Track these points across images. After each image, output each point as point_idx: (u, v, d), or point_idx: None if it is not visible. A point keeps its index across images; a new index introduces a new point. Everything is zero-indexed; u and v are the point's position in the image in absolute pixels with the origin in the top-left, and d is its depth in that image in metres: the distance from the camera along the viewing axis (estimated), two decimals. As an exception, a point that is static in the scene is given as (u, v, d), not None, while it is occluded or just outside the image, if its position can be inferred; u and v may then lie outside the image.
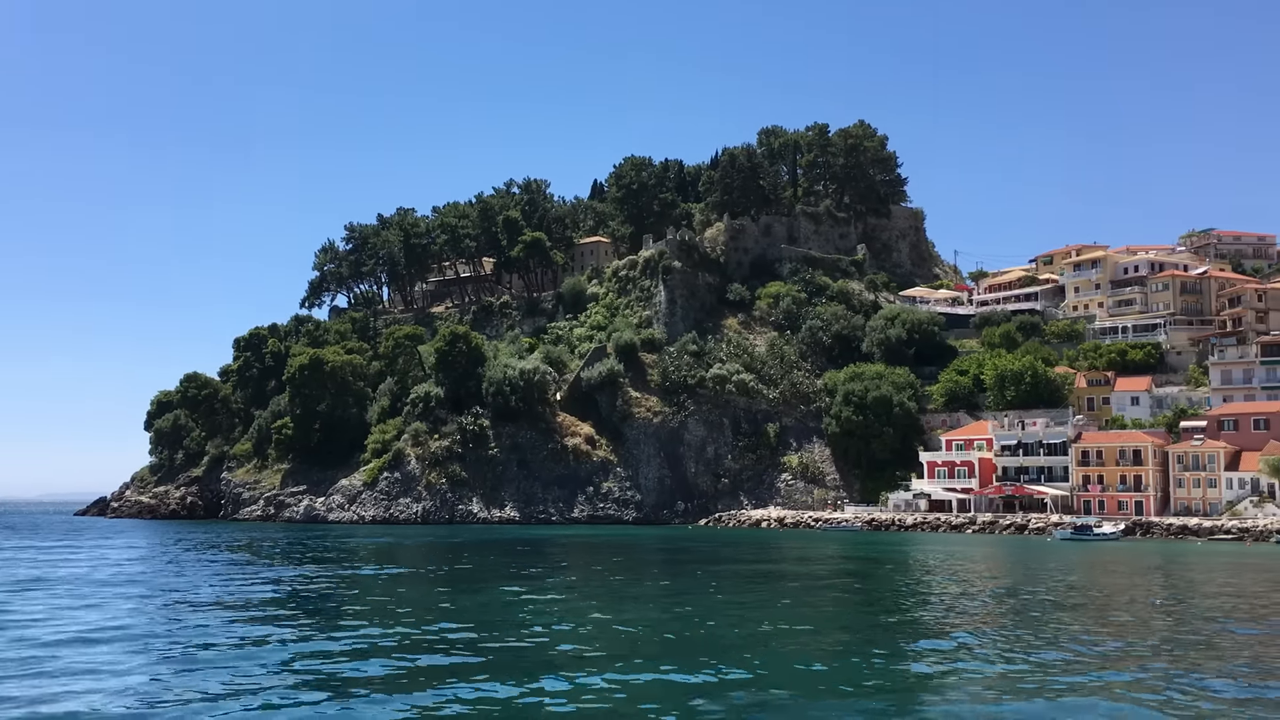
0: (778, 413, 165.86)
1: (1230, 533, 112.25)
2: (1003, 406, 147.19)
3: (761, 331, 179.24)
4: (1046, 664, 35.33)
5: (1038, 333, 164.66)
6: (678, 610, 51.03)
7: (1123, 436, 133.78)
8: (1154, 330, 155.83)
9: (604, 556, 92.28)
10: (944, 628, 45.16)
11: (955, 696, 30.30)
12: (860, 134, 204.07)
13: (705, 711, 27.99)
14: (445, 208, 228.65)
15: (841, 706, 28.77)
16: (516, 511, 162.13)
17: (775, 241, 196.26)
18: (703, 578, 69.21)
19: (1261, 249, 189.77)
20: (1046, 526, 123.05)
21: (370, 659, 35.66)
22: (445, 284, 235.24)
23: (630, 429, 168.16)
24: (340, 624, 44.32)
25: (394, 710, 28.29)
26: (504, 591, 58.86)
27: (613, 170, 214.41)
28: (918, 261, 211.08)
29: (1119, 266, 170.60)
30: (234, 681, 31.72)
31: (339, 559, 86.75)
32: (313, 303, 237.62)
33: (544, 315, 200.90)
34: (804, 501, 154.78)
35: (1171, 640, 41.10)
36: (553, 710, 28.40)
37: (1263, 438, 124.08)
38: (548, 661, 35.78)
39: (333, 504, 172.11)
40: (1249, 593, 59.91)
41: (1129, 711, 28.20)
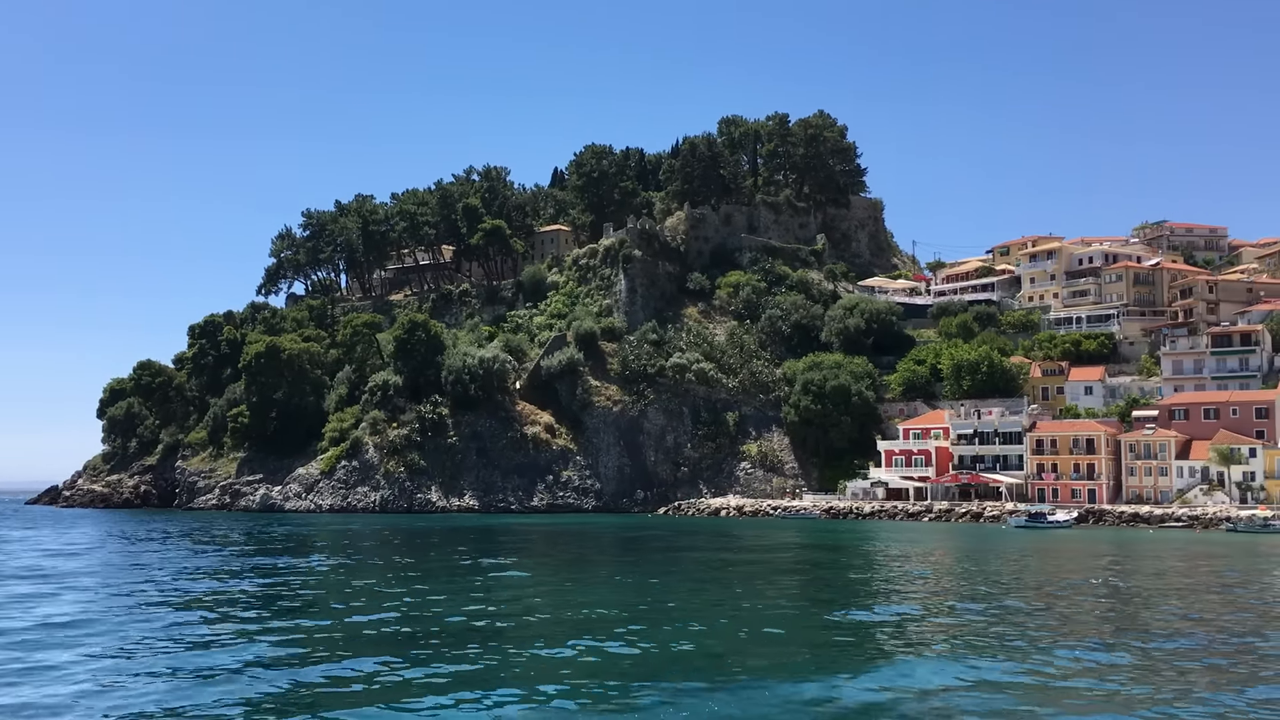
0: (737, 401, 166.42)
1: (1180, 520, 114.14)
2: (959, 396, 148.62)
3: (721, 321, 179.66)
4: (991, 643, 35.75)
5: (994, 323, 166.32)
6: (638, 598, 51.10)
7: (1076, 426, 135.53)
8: (1108, 321, 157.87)
9: (564, 545, 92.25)
10: (896, 613, 45.59)
11: (903, 678, 30.58)
12: (820, 124, 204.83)
13: (669, 699, 28.06)
14: (404, 195, 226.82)
15: (796, 686, 28.94)
16: (476, 500, 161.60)
17: (735, 231, 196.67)
18: (663, 565, 69.38)
19: (1213, 241, 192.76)
20: (1001, 514, 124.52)
21: (323, 649, 35.34)
22: (404, 272, 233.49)
23: (590, 418, 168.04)
24: (292, 615, 43.92)
25: (352, 702, 28.10)
26: (463, 581, 58.64)
27: (573, 158, 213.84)
28: (876, 252, 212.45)
29: (1074, 258, 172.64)
30: (182, 678, 31.33)
31: (296, 548, 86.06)
32: (269, 290, 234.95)
33: (504, 303, 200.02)
34: (763, 490, 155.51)
35: (1099, 618, 41.77)
36: (510, 696, 28.34)
37: (1212, 427, 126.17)
38: (506, 649, 35.72)
39: (290, 493, 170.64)
40: (1181, 576, 60.97)
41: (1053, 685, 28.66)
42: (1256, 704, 27.53)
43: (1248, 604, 49.41)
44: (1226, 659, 34.30)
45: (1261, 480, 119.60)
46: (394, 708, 26.70)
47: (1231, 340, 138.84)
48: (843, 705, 27.30)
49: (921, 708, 27.07)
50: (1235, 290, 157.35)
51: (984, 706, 27.09)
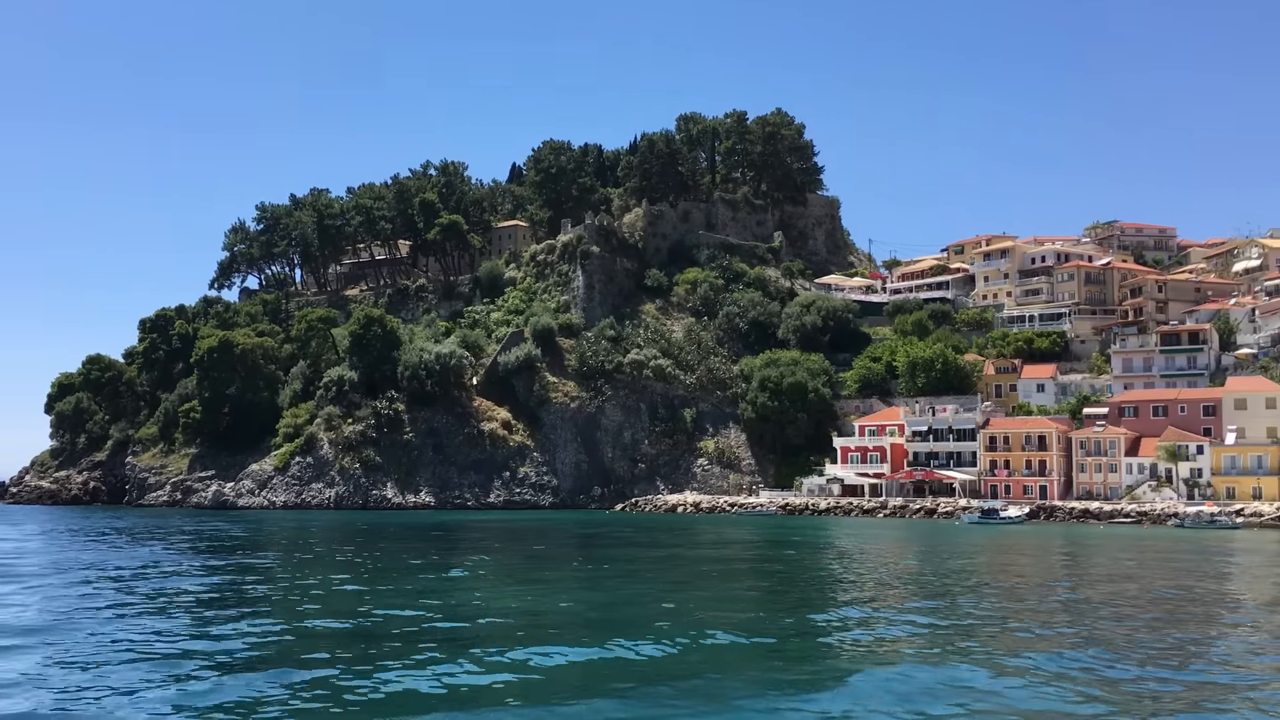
0: (694, 398, 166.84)
1: (1129, 516, 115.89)
2: (914, 393, 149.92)
3: (679, 317, 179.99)
4: (941, 635, 36.09)
5: (949, 321, 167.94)
6: (596, 594, 51.05)
7: (1028, 423, 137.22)
8: (1060, 319, 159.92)
9: (520, 542, 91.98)
10: (849, 605, 45.90)
11: (856, 666, 30.78)
12: (778, 122, 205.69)
13: (626, 692, 28.03)
14: (360, 189, 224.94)
15: (751, 681, 29.02)
16: (432, 497, 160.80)
17: (693, 228, 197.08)
18: (620, 562, 69.36)
19: (1162, 241, 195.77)
20: (955, 510, 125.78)
21: (276, 649, 34.91)
22: (360, 266, 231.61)
23: (547, 414, 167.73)
24: (237, 617, 43.33)
25: (304, 699, 27.79)
26: (419, 579, 58.28)
27: (532, 154, 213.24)
28: (833, 249, 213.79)
29: (1027, 257, 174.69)
30: (133, 678, 30.83)
31: (246, 546, 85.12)
32: (222, 284, 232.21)
33: (461, 299, 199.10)
34: (720, 486, 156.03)
35: (1051, 614, 42.38)
36: (467, 691, 28.19)
37: (1161, 424, 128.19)
38: (466, 643, 35.52)
39: (242, 489, 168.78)
40: (1121, 571, 61.91)
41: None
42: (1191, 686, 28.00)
43: (1198, 600, 50.25)
44: (1167, 652, 34.86)
45: (1208, 477, 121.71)
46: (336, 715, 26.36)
47: (1180, 339, 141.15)
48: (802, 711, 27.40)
49: (876, 708, 27.26)
50: (1183, 290, 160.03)
51: (940, 705, 27.32)
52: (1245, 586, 56.30)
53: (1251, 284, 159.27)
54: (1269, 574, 63.48)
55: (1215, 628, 40.72)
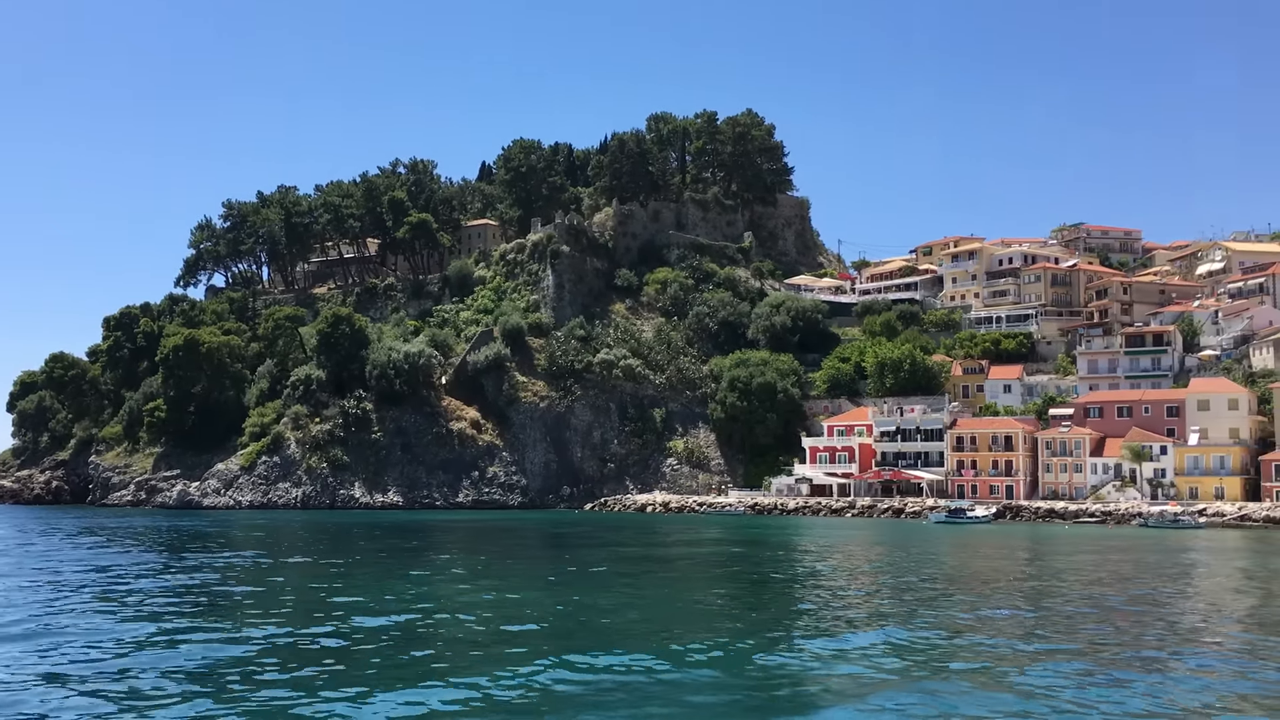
0: (664, 398, 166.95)
1: (1094, 516, 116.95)
2: (883, 393, 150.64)
3: (649, 317, 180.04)
4: (909, 642, 36.23)
5: (917, 322, 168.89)
6: (565, 595, 50.89)
7: (995, 423, 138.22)
8: (1026, 320, 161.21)
9: (488, 542, 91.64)
10: (817, 605, 46.01)
11: (824, 665, 30.84)
12: (748, 123, 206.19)
13: (597, 693, 27.92)
14: (329, 186, 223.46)
15: (721, 679, 28.99)
16: (400, 496, 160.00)
17: (663, 227, 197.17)
18: (589, 562, 69.21)
19: (1128, 243, 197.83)
20: (922, 510, 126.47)
21: (241, 654, 34.49)
22: (328, 265, 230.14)
23: (517, 413, 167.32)
24: (207, 619, 42.87)
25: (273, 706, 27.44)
26: (383, 582, 57.87)
27: (502, 152, 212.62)
28: (803, 250, 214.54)
29: (994, 258, 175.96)
30: (94, 681, 30.38)
31: (214, 546, 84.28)
32: (188, 282, 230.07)
33: (430, 298, 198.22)
34: (689, 486, 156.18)
35: (1016, 610, 42.65)
36: (439, 703, 27.98)
37: (1126, 425, 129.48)
38: (413, 666, 35.27)
39: (208, 489, 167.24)
40: (1082, 570, 62.47)
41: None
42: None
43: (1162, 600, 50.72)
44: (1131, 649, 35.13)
45: (1172, 477, 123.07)
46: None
47: (1144, 340, 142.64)
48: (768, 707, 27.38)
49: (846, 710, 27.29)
50: (1148, 291, 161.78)
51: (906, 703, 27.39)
52: (1204, 586, 56.87)
53: (1215, 286, 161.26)
54: (1228, 574, 64.18)
55: (1173, 631, 41.07)
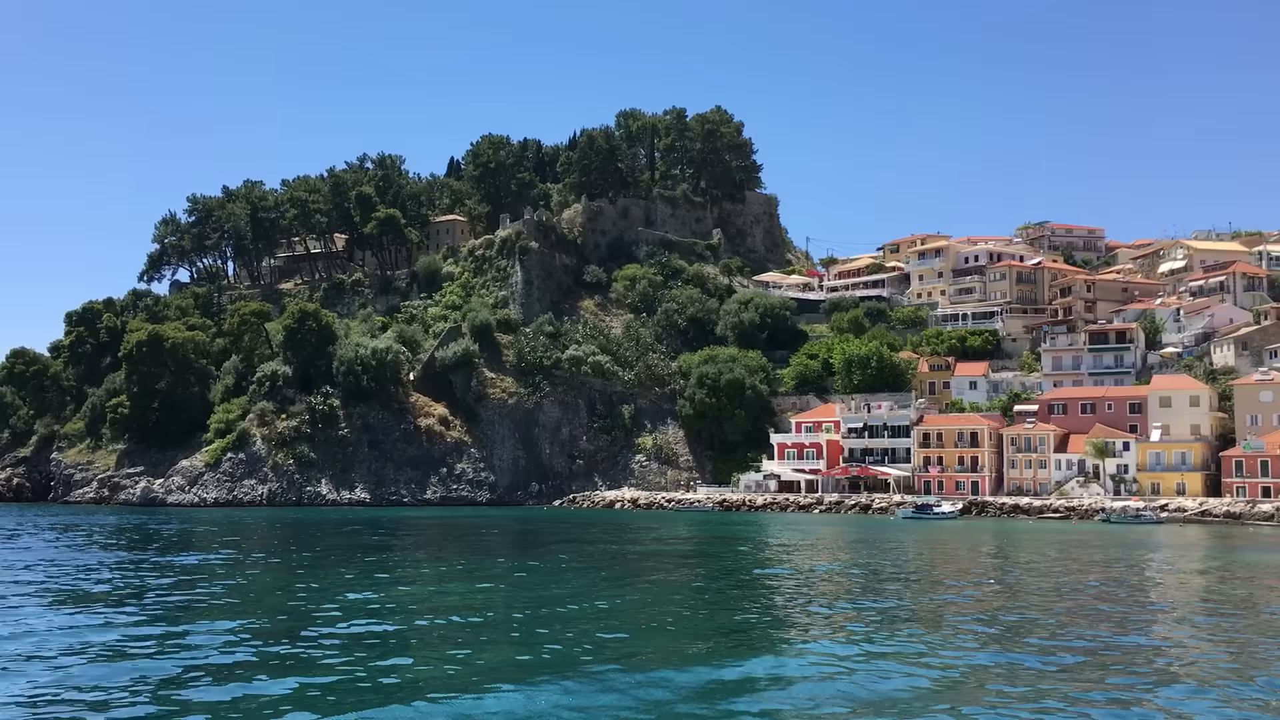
0: (633, 394, 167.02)
1: (1058, 511, 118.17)
2: (850, 390, 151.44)
3: (618, 314, 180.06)
4: (875, 632, 36.55)
5: (884, 319, 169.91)
6: (534, 592, 50.88)
7: (961, 419, 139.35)
8: (992, 318, 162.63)
9: (455, 539, 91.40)
10: (784, 601, 46.29)
11: (793, 660, 31.04)
12: (717, 119, 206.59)
13: (565, 691, 27.96)
14: (295, 181, 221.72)
15: (690, 675, 29.11)
16: (367, 493, 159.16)
17: (632, 224, 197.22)
18: (557, 559, 69.20)
19: (1091, 242, 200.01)
20: (889, 506, 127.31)
21: (201, 657, 34.19)
22: (295, 260, 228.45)
23: (485, 410, 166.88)
24: (166, 619, 42.46)
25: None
26: (352, 580, 57.60)
27: (470, 148, 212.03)
28: (771, 247, 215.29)
29: (960, 256, 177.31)
30: (52, 684, 30.07)
31: (177, 544, 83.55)
32: (152, 277, 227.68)
33: (398, 294, 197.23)
34: (657, 482, 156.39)
35: (981, 607, 43.17)
36: (401, 690, 27.93)
37: (1089, 421, 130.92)
38: (397, 648, 35.19)
39: (172, 485, 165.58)
40: (1044, 565, 63.21)
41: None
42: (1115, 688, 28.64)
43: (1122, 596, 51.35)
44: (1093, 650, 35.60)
45: (1134, 473, 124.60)
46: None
47: (1107, 338, 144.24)
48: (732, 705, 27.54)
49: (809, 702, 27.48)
50: (1111, 290, 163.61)
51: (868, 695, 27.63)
52: (1161, 580, 57.67)
53: (1176, 285, 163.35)
54: (1187, 568, 65.09)
55: (1128, 622, 41.63)
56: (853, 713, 25.63)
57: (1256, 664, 32.08)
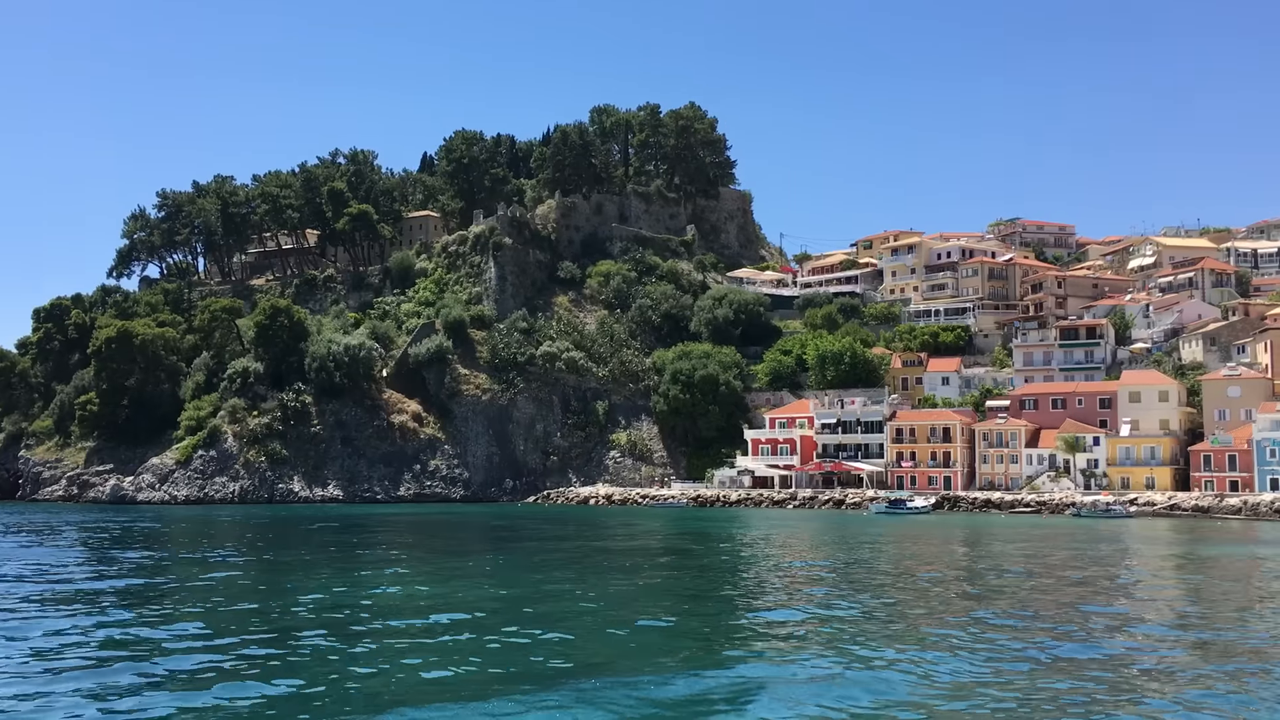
0: (607, 391, 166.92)
1: (1029, 506, 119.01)
2: (824, 386, 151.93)
3: (592, 310, 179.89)
4: (852, 627, 36.68)
5: (857, 315, 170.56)
6: (506, 591, 50.77)
7: (933, 415, 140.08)
8: (964, 314, 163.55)
9: (428, 536, 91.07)
10: (757, 596, 46.39)
11: (764, 653, 31.12)
12: (691, 116, 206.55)
13: (543, 688, 27.89)
14: (266, 176, 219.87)
15: (662, 673, 29.10)
16: (340, 490, 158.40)
17: (606, 220, 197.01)
18: (530, 558, 69.08)
19: (1062, 238, 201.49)
20: (863, 501, 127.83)
21: (162, 663, 33.78)
22: (266, 256, 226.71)
23: (459, 406, 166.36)
24: (131, 618, 42.04)
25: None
26: (323, 581, 57.29)
27: (443, 144, 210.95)
28: (745, 243, 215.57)
29: (933, 252, 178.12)
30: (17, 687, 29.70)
31: (147, 542, 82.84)
32: (121, 272, 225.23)
33: (371, 290, 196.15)
34: (632, 479, 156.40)
35: (953, 602, 43.45)
36: (368, 682, 27.77)
37: (1060, 416, 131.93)
38: (353, 655, 35.00)
39: (142, 483, 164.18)
40: (1015, 559, 63.70)
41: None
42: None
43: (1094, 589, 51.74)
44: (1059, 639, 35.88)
45: (1104, 467, 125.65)
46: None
47: (1078, 333, 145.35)
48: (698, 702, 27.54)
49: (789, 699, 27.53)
50: (1082, 286, 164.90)
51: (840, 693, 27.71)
52: (1130, 573, 58.19)
53: (1146, 281, 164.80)
54: (1154, 562, 65.70)
55: (1096, 618, 41.97)
56: (826, 714, 25.69)
57: (1225, 660, 32.40)
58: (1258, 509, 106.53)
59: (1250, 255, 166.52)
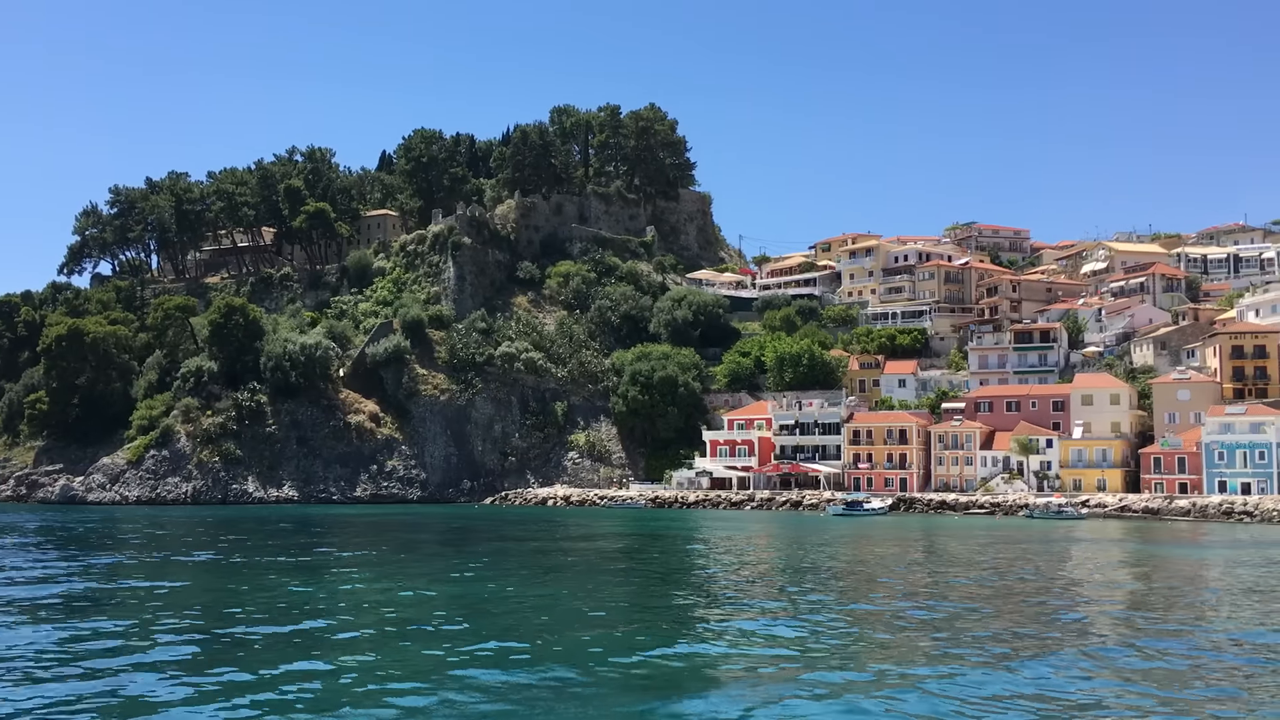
0: (566, 391, 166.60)
1: (984, 507, 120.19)
2: (782, 387, 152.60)
3: (551, 310, 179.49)
4: (809, 631, 36.85)
5: (816, 317, 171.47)
6: (461, 590, 50.49)
7: (890, 417, 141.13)
8: (920, 316, 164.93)
9: (382, 537, 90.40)
10: (713, 601, 46.50)
11: (717, 652, 31.20)
12: (651, 117, 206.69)
13: (492, 694, 27.76)
14: (222, 173, 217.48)
15: (618, 675, 29.08)
16: (295, 491, 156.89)
17: (566, 220, 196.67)
18: (486, 558, 68.78)
19: (1017, 242, 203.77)
20: (820, 503, 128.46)
21: (109, 666, 33.32)
22: (221, 254, 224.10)
23: (416, 406, 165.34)
24: (65, 625, 41.37)
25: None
26: (277, 581, 56.69)
27: (402, 142, 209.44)
28: (704, 245, 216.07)
29: (890, 255, 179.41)
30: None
31: (91, 543, 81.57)
32: (72, 270, 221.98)
33: (328, 289, 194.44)
34: (590, 479, 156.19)
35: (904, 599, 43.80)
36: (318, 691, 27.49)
37: (1014, 419, 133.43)
38: (321, 646, 34.67)
39: (93, 483, 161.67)
40: (968, 559, 64.38)
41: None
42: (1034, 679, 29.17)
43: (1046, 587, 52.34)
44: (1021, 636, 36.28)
45: (1057, 469, 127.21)
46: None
47: (1032, 337, 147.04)
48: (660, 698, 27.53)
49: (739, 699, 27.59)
50: (1036, 290, 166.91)
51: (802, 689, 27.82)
52: (1081, 574, 58.94)
53: (1098, 285, 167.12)
54: (1102, 562, 66.60)
55: (1045, 617, 42.46)
56: (779, 713, 25.78)
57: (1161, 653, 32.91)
58: (1206, 510, 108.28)
59: (1200, 261, 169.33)
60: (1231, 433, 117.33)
